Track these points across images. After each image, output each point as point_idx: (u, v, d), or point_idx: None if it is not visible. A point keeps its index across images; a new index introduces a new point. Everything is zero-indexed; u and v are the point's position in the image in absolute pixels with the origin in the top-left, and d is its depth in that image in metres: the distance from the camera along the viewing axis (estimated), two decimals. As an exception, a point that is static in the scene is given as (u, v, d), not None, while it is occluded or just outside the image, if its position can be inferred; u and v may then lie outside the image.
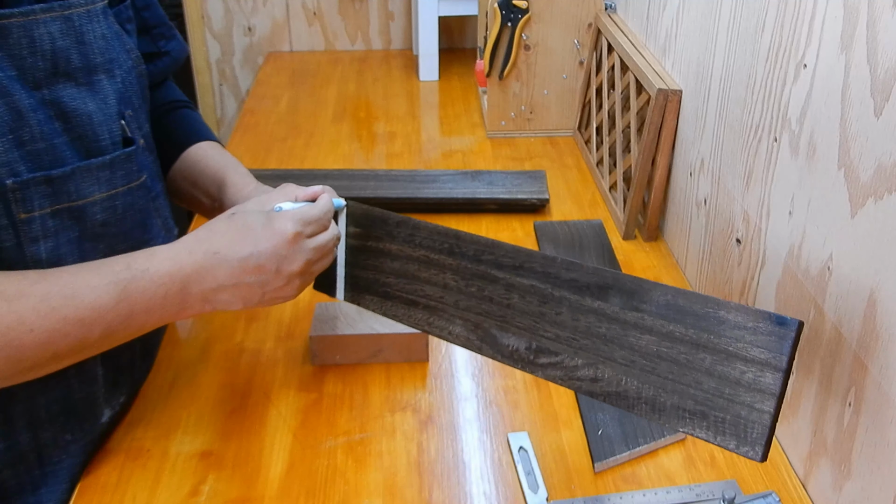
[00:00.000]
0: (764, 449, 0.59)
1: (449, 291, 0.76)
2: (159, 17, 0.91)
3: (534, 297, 0.70)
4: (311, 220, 0.75)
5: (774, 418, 0.59)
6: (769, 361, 0.59)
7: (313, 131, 1.56)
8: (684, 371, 0.62)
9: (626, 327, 0.65)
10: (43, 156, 0.67)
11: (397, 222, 0.80)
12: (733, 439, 0.60)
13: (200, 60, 1.99)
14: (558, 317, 0.69)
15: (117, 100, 0.73)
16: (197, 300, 0.71)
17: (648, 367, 0.64)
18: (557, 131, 1.54)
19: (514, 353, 0.71)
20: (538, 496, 0.77)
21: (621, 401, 0.65)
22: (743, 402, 0.60)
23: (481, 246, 0.74)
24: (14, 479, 0.76)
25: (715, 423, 0.61)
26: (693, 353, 0.62)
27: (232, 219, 0.74)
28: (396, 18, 2.01)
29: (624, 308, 0.66)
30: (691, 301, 0.63)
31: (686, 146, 1.09)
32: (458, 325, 0.75)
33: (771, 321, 0.59)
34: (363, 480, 0.79)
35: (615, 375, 0.65)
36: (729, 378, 0.61)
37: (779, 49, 0.80)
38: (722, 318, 0.61)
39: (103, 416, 0.81)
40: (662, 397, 0.63)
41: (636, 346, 0.65)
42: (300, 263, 0.73)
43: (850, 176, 0.68)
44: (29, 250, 0.68)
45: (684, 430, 0.62)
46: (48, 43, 0.67)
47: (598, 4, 1.43)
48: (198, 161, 0.92)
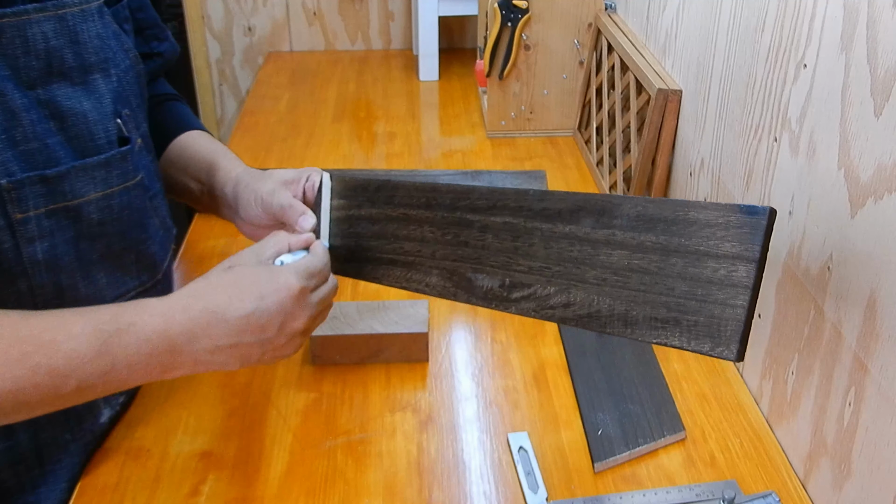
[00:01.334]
0: (739, 347, 0.56)
1: (426, 244, 0.74)
2: (152, 18, 0.91)
3: (507, 234, 0.69)
4: (314, 273, 0.71)
5: (749, 313, 0.56)
6: (741, 254, 0.57)
7: (313, 131, 1.56)
8: (655, 280, 0.60)
9: (597, 246, 0.64)
10: (37, 155, 0.67)
11: (377, 186, 0.79)
12: (707, 341, 0.58)
13: (200, 60, 1.99)
14: (531, 248, 0.67)
15: (113, 99, 0.73)
16: (188, 361, 0.66)
17: (620, 282, 0.62)
18: (557, 131, 1.54)
19: (488, 293, 0.70)
20: (538, 496, 0.77)
21: (594, 322, 0.63)
22: (716, 300, 0.57)
23: (457, 193, 0.73)
24: (14, 478, 0.76)
25: (688, 328, 0.59)
26: (664, 259, 0.60)
27: (231, 272, 0.69)
28: (396, 18, 2.01)
29: (595, 227, 0.64)
30: (661, 208, 0.61)
31: (686, 146, 1.09)
32: (435, 276, 0.73)
33: (742, 212, 0.57)
34: (363, 480, 0.79)
35: (587, 297, 0.64)
36: (701, 279, 0.58)
37: (779, 49, 0.80)
38: (692, 218, 0.59)
39: (102, 416, 0.81)
40: (634, 311, 0.61)
41: (607, 264, 0.63)
42: (304, 320, 0.69)
43: (850, 176, 0.68)
44: (26, 251, 0.68)
45: (658, 341, 0.60)
46: (42, 42, 0.67)
47: (598, 4, 1.43)
48: (186, 147, 0.92)
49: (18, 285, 0.69)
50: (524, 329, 1.00)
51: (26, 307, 0.69)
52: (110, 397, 0.82)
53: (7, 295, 0.68)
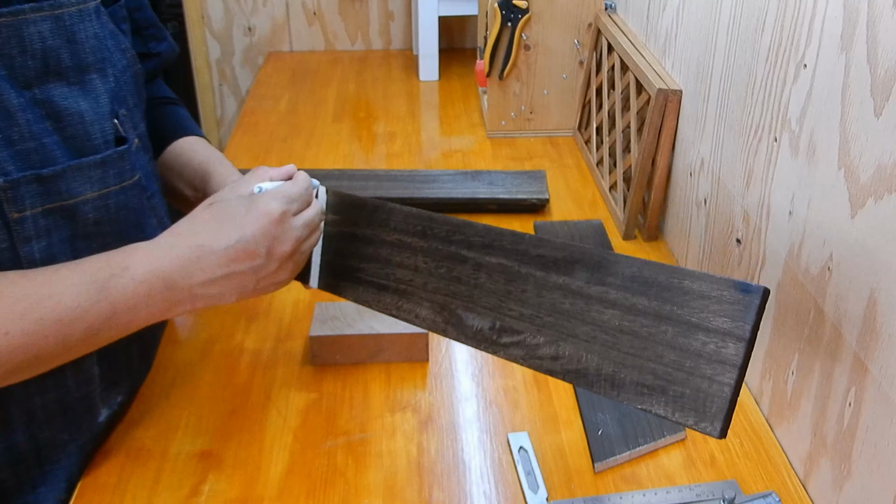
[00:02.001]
0: (723, 424, 0.56)
1: (419, 274, 0.74)
2: (150, 18, 0.91)
3: (501, 276, 0.69)
4: (294, 197, 0.73)
5: (735, 391, 0.57)
6: (732, 331, 0.57)
7: (313, 131, 1.56)
8: (645, 345, 0.61)
9: (590, 302, 0.64)
10: (32, 155, 0.67)
11: (374, 207, 0.79)
12: (692, 414, 0.58)
13: (200, 60, 1.99)
14: (523, 294, 0.68)
15: (110, 99, 0.73)
16: (185, 296, 0.68)
17: (609, 342, 0.62)
18: (557, 131, 1.54)
19: (477, 334, 0.70)
20: (538, 496, 0.77)
21: (581, 379, 0.64)
22: (703, 374, 0.58)
23: (453, 226, 0.73)
24: (12, 478, 0.76)
25: (674, 399, 0.59)
26: (655, 325, 0.60)
27: (212, 207, 0.71)
28: (396, 18, 2.01)
29: (589, 282, 0.64)
30: (656, 272, 0.61)
31: (686, 146, 1.09)
32: (426, 308, 0.73)
33: (735, 289, 0.57)
34: (363, 480, 0.79)
35: (576, 352, 0.64)
36: (690, 350, 0.58)
37: (779, 49, 0.80)
38: (686, 288, 0.59)
39: (101, 416, 0.81)
40: (622, 373, 0.61)
41: (598, 321, 0.63)
42: (291, 243, 0.71)
43: (850, 176, 0.68)
44: (22, 250, 0.68)
45: (643, 408, 0.60)
46: (38, 42, 0.67)
47: (598, 4, 1.43)
48: (182, 153, 0.92)
49: None
50: (524, 329, 1.00)
51: None
52: (108, 397, 0.82)
53: None
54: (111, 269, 0.66)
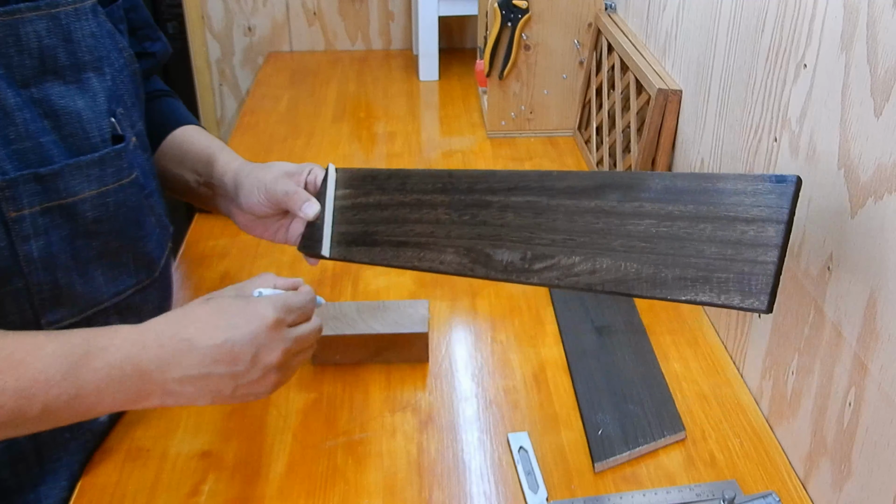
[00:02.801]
0: (769, 298, 0.58)
1: (440, 225, 0.74)
2: (144, 18, 0.92)
3: (529, 212, 0.69)
4: (293, 308, 0.69)
5: (778, 269, 0.58)
6: (770, 217, 0.59)
7: (313, 131, 1.56)
8: (684, 244, 0.61)
9: (624, 217, 0.64)
10: (30, 154, 0.67)
11: (387, 175, 0.79)
12: (737, 295, 0.59)
13: (200, 60, 1.99)
14: (554, 223, 0.67)
15: (107, 98, 0.73)
16: (157, 391, 0.64)
17: (648, 248, 0.63)
18: (557, 131, 1.54)
19: (508, 266, 0.69)
20: (538, 496, 0.77)
21: (621, 285, 0.64)
22: (745, 258, 0.59)
23: (474, 177, 0.73)
24: (13, 477, 0.76)
25: (718, 284, 0.60)
26: (693, 226, 0.61)
27: (208, 304, 0.68)
28: (396, 18, 2.01)
29: (622, 201, 0.65)
30: (688, 180, 0.63)
31: (686, 146, 1.09)
32: (450, 254, 0.72)
33: (769, 181, 0.59)
34: (363, 480, 0.79)
35: (613, 263, 0.64)
36: (730, 241, 0.60)
37: (779, 49, 0.80)
38: (720, 188, 0.61)
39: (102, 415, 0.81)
40: (663, 272, 0.62)
41: (634, 233, 0.63)
42: (279, 354, 0.67)
43: (850, 176, 0.68)
44: (21, 249, 0.68)
45: (686, 299, 0.61)
46: (35, 41, 0.67)
47: (598, 4, 1.43)
48: (183, 141, 0.93)
49: (15, 284, 0.69)
50: (524, 329, 1.00)
51: (23, 306, 0.70)
52: None
53: (4, 293, 0.69)
54: (88, 346, 0.63)
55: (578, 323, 0.99)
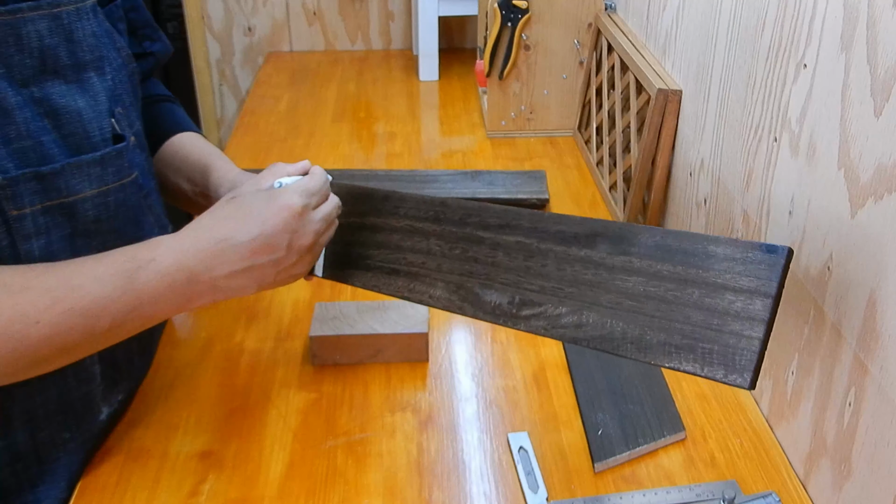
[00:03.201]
0: (752, 375, 0.57)
1: (432, 257, 0.75)
2: (145, 18, 0.92)
3: (519, 254, 0.70)
4: (314, 191, 0.74)
5: (763, 345, 0.58)
6: (758, 289, 0.58)
7: (313, 131, 1.56)
8: (672, 308, 0.61)
9: (613, 272, 0.64)
10: (30, 153, 0.67)
11: (383, 196, 0.79)
12: (721, 368, 0.59)
13: (200, 60, 1.99)
14: (543, 269, 0.68)
15: (107, 97, 0.73)
16: (207, 289, 0.70)
17: (635, 307, 0.63)
18: (557, 131, 1.54)
19: (496, 309, 0.70)
20: (538, 496, 0.77)
21: (606, 343, 0.64)
22: (731, 331, 0.58)
23: (467, 210, 0.73)
24: (12, 477, 0.76)
25: (703, 355, 0.59)
26: (681, 289, 0.61)
27: (233, 202, 0.73)
28: (396, 18, 2.01)
29: (611, 253, 0.65)
30: (680, 240, 0.62)
31: (686, 146, 1.09)
32: (440, 288, 0.73)
33: (760, 250, 0.59)
34: (363, 480, 0.79)
35: (600, 319, 0.64)
36: (717, 309, 0.59)
37: (779, 49, 0.80)
38: (711, 252, 0.61)
39: (101, 415, 0.81)
40: (649, 335, 0.62)
41: (622, 289, 0.63)
42: (311, 236, 0.73)
43: (850, 176, 0.68)
44: (22, 248, 0.68)
45: (671, 366, 0.61)
46: (36, 41, 0.67)
47: (598, 4, 1.43)
48: (180, 149, 0.92)
49: None
50: (524, 329, 1.00)
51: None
52: (109, 396, 0.82)
53: None
54: (137, 261, 0.67)
55: (578, 323, 0.99)
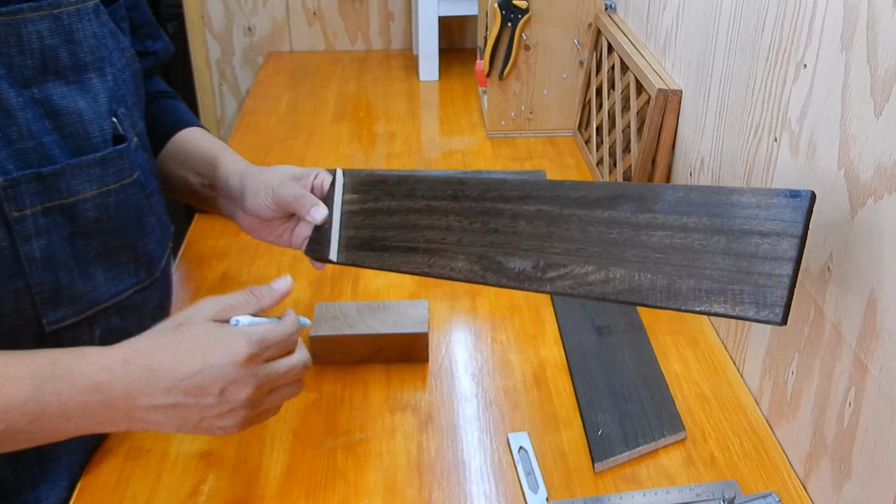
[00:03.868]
0: (784, 311, 0.58)
1: (451, 232, 0.73)
2: (146, 17, 0.92)
3: (541, 221, 0.69)
4: (271, 343, 0.65)
5: (793, 282, 0.58)
6: (785, 231, 0.59)
7: (313, 131, 1.56)
8: (699, 256, 0.62)
9: (638, 228, 0.64)
10: (31, 154, 0.67)
11: (397, 180, 0.78)
12: (752, 307, 0.59)
13: (200, 60, 1.99)
14: (567, 233, 0.67)
15: (108, 98, 0.73)
16: (122, 416, 0.63)
17: (661, 259, 0.63)
18: (557, 131, 1.54)
19: (520, 275, 0.69)
20: (538, 496, 0.77)
21: (634, 295, 0.63)
22: (760, 271, 0.59)
23: (486, 185, 0.73)
24: (13, 476, 0.76)
25: (733, 296, 0.60)
26: (707, 237, 0.62)
27: (178, 331, 0.65)
28: (396, 18, 2.01)
29: (635, 212, 0.65)
30: (703, 193, 0.63)
31: (686, 146, 1.09)
32: (461, 261, 0.72)
33: (784, 195, 0.60)
34: (363, 480, 0.79)
35: (627, 273, 0.64)
36: (745, 253, 0.60)
37: (779, 49, 0.80)
38: (735, 201, 0.61)
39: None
40: (678, 283, 0.62)
41: (648, 244, 0.63)
42: (249, 391, 0.64)
43: (850, 176, 0.68)
44: (23, 249, 0.68)
45: (701, 310, 0.61)
46: (37, 41, 0.67)
47: (598, 4, 1.43)
48: (187, 143, 0.93)
49: (15, 283, 0.69)
50: (524, 329, 1.00)
51: (24, 305, 0.70)
52: None
53: (5, 293, 0.69)
54: (54, 369, 0.61)
55: (578, 323, 0.99)
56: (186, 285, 1.08)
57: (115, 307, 0.78)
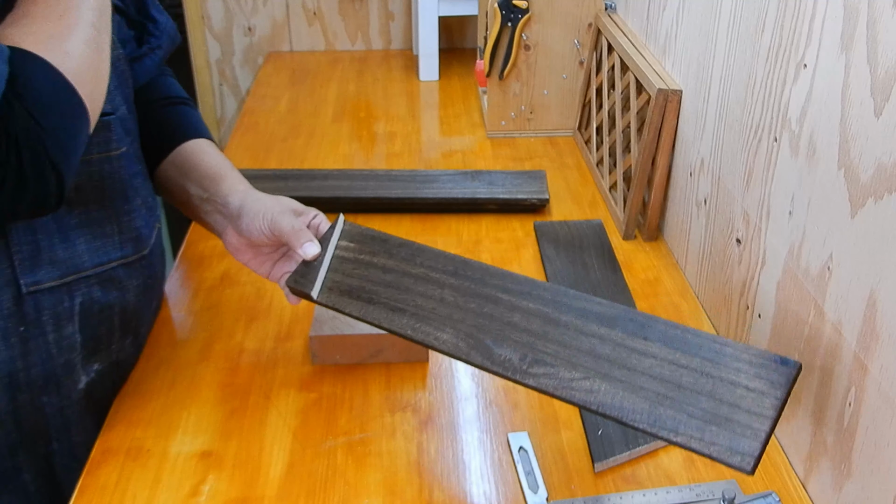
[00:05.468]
0: (754, 462, 0.60)
1: (444, 305, 0.74)
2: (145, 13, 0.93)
3: (538, 319, 0.70)
4: None
5: (767, 438, 0.61)
6: (769, 391, 0.63)
7: (313, 131, 1.56)
8: (685, 391, 0.64)
9: (631, 351, 0.67)
10: None
11: (399, 243, 0.79)
12: (726, 451, 0.61)
13: (200, 60, 1.99)
14: (560, 336, 0.69)
15: None
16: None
17: (648, 384, 0.65)
18: (557, 131, 1.54)
19: (505, 362, 0.69)
20: (538, 496, 0.77)
21: (615, 410, 0.64)
22: (739, 421, 0.62)
23: (490, 272, 0.74)
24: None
25: (710, 436, 0.62)
26: (696, 377, 0.64)
27: None
28: (396, 18, 2.01)
29: (629, 335, 0.67)
30: (702, 338, 0.66)
31: (686, 146, 1.09)
32: (448, 333, 0.72)
33: (774, 360, 0.64)
34: (363, 480, 0.79)
35: (611, 388, 0.65)
36: (728, 401, 0.63)
37: (779, 49, 0.80)
38: (729, 353, 0.65)
39: (80, 384, 0.83)
40: (659, 411, 0.64)
41: (638, 367, 0.66)
42: None
43: (850, 176, 0.68)
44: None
45: (677, 441, 0.62)
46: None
47: (598, 4, 1.43)
48: (195, 154, 0.93)
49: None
50: (524, 329, 1.00)
51: (3, 264, 0.72)
52: (86, 364, 0.83)
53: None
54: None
55: (578, 323, 0.99)
56: (186, 285, 1.08)
57: (97, 277, 0.80)
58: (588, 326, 0.69)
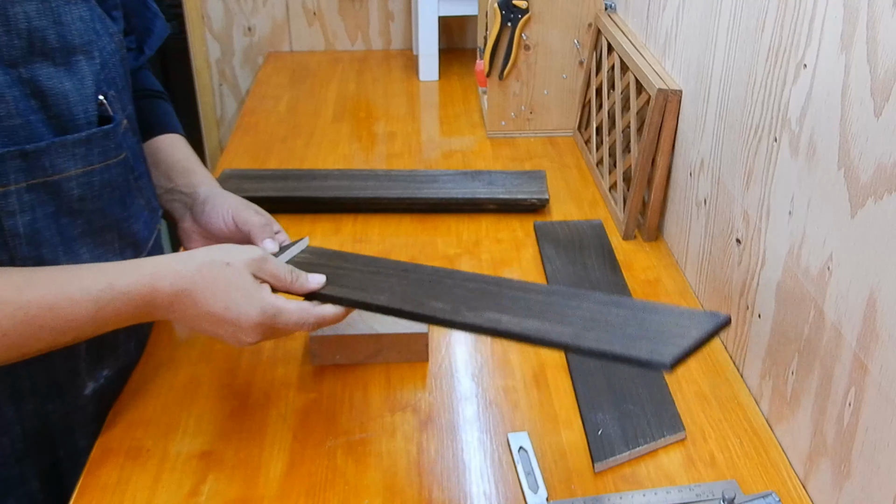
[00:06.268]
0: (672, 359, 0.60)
1: (387, 280, 0.79)
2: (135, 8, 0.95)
3: (477, 290, 0.76)
4: (289, 322, 0.75)
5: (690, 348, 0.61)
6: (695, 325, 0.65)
7: (313, 131, 1.56)
8: (612, 324, 0.67)
9: (564, 306, 0.70)
10: (18, 131, 0.68)
11: (356, 257, 0.85)
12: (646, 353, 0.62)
13: (200, 60, 1.99)
14: (497, 298, 0.73)
15: (95, 81, 0.74)
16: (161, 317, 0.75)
17: (577, 321, 0.68)
18: (557, 131, 1.54)
19: (436, 310, 0.73)
20: (538, 496, 0.77)
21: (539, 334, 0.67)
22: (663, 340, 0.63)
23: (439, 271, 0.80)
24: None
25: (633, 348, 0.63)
26: (626, 317, 0.68)
27: (224, 270, 0.74)
28: (396, 18, 2.01)
29: (566, 297, 0.72)
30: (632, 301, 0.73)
31: (686, 146, 1.09)
32: (385, 294, 0.77)
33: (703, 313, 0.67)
34: (363, 480, 0.79)
35: (538, 323, 0.68)
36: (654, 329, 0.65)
37: (779, 49, 0.80)
38: (659, 308, 0.69)
39: (86, 389, 0.83)
40: (584, 333, 0.66)
41: (570, 313, 0.69)
42: (255, 338, 0.75)
43: (850, 176, 0.68)
44: (7, 224, 0.70)
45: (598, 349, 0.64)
46: (24, 22, 0.68)
47: (598, 4, 1.43)
48: (163, 148, 0.95)
49: (0, 257, 0.70)
50: (524, 329, 1.00)
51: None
52: (94, 372, 0.84)
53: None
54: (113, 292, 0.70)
55: (578, 323, 1.00)
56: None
57: None
58: (528, 294, 0.73)
